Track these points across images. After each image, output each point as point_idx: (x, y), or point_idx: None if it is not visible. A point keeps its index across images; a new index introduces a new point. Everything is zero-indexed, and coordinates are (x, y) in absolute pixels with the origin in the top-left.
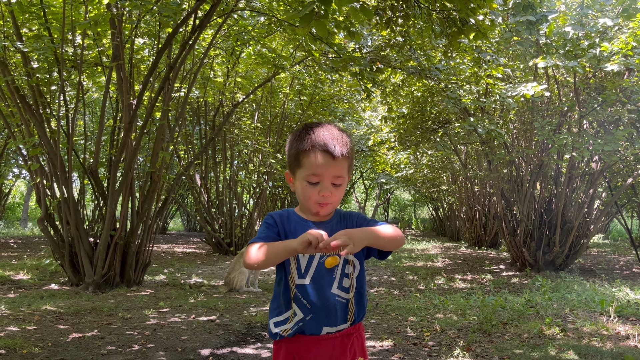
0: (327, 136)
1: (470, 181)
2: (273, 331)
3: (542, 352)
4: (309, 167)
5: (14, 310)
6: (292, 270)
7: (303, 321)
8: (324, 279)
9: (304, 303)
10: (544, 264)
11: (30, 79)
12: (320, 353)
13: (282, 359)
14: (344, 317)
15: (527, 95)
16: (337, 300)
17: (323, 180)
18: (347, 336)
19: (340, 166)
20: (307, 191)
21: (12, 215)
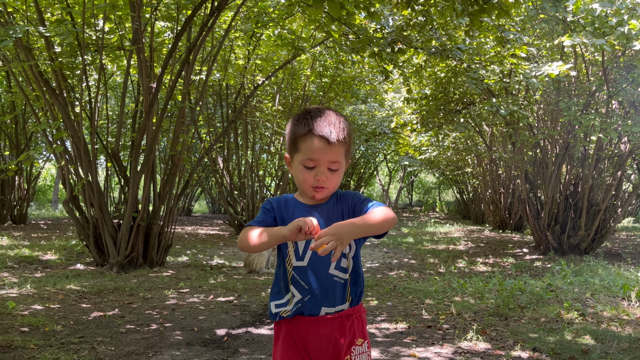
0: (324, 121)
1: (495, 164)
2: (273, 312)
3: (558, 336)
4: (306, 152)
5: (39, 289)
6: (290, 253)
7: (301, 302)
8: (321, 260)
9: (302, 284)
10: (569, 247)
11: (53, 63)
12: (319, 334)
13: (282, 339)
14: (342, 298)
15: (552, 75)
16: (335, 280)
17: (319, 165)
18: (346, 317)
19: (336, 151)
20: (303, 175)
21: (43, 197)
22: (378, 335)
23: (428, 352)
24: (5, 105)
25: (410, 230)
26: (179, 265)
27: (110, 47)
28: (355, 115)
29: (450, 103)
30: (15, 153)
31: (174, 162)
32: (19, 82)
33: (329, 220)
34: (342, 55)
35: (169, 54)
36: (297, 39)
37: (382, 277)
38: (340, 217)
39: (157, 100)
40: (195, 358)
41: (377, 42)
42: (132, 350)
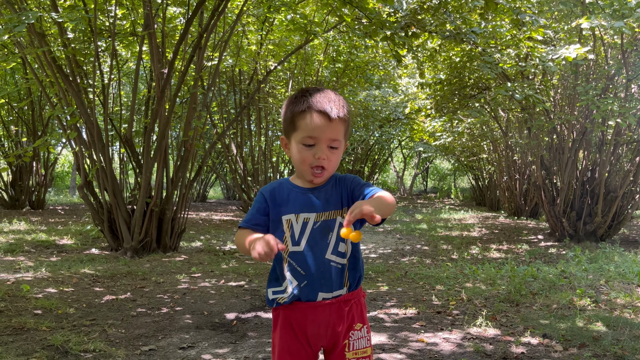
0: (323, 98)
1: (510, 149)
2: (270, 298)
3: (570, 322)
4: (305, 129)
5: (54, 273)
6: (287, 238)
7: (298, 288)
8: (318, 244)
9: (298, 270)
10: (585, 234)
11: (66, 49)
12: (317, 319)
13: (280, 326)
14: (339, 283)
15: (569, 58)
16: (332, 265)
17: (319, 142)
18: (344, 302)
19: (336, 129)
20: (302, 154)
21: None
22: (387, 321)
23: (436, 338)
24: (22, 91)
25: (424, 216)
26: (192, 250)
27: (122, 33)
28: (369, 100)
29: (465, 88)
30: (32, 139)
31: (186, 148)
32: (33, 68)
33: (327, 203)
34: (355, 40)
35: (180, 38)
36: (310, 23)
37: (394, 263)
38: (338, 201)
39: (169, 86)
40: (204, 341)
41: (390, 26)
42: (142, 333)
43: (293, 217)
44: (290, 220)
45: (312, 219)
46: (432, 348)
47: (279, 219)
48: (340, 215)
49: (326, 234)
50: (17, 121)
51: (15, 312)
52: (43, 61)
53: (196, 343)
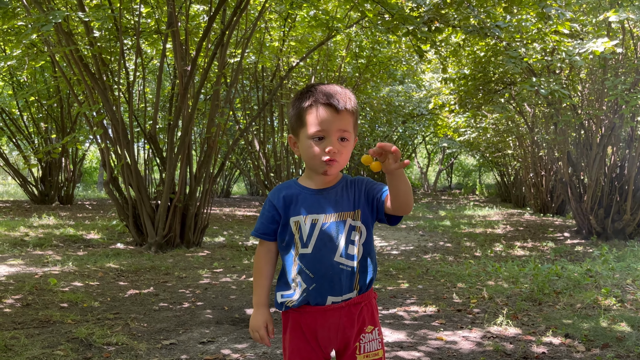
0: (329, 91)
1: (537, 145)
2: (279, 302)
3: (593, 322)
4: (313, 123)
5: (80, 267)
6: (296, 240)
7: (307, 291)
8: (326, 247)
9: (306, 273)
10: (613, 232)
11: (92, 48)
12: (327, 323)
13: (290, 329)
14: (349, 286)
15: (596, 52)
16: (341, 268)
17: (329, 135)
18: (354, 305)
19: (345, 120)
20: (312, 149)
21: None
22: (406, 318)
23: (456, 336)
24: (51, 89)
25: (448, 213)
26: (215, 246)
27: (147, 31)
28: (392, 96)
29: (489, 83)
30: (61, 136)
31: (209, 145)
32: (61, 67)
33: (336, 204)
34: (378, 36)
35: (203, 35)
36: (332, 19)
37: (415, 260)
38: (350, 203)
39: (192, 83)
40: (223, 336)
41: (412, 21)
42: (163, 327)
43: (302, 219)
44: (299, 221)
45: (320, 220)
46: (451, 346)
47: (287, 221)
48: (350, 218)
49: (335, 236)
50: (47, 118)
51: (42, 305)
52: (70, 60)
53: (216, 338)
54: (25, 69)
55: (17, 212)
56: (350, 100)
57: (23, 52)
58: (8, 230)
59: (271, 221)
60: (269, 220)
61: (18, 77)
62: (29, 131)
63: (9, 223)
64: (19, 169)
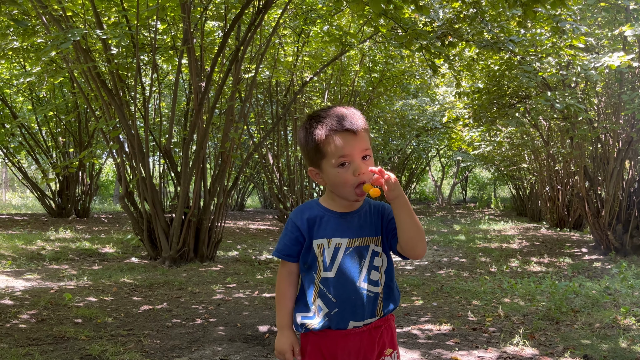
0: (338, 116)
1: (552, 159)
2: (299, 323)
3: (612, 343)
4: (335, 152)
5: (95, 281)
6: (319, 263)
7: (328, 315)
8: (349, 271)
9: (329, 297)
10: (632, 248)
11: (109, 64)
12: (347, 347)
13: (309, 352)
14: (371, 311)
15: (612, 66)
16: (365, 294)
17: (353, 159)
18: (375, 329)
19: (363, 139)
20: (341, 177)
21: (106, 192)
22: (420, 337)
23: (471, 356)
24: (70, 104)
25: (463, 227)
26: (229, 260)
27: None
28: (405, 110)
29: (504, 97)
30: (78, 150)
31: (223, 159)
32: (79, 83)
33: (360, 228)
34: (391, 50)
35: (218, 51)
36: (345, 35)
37: (430, 275)
38: (373, 228)
39: (207, 98)
40: (236, 354)
41: (425, 36)
42: (176, 344)
43: (325, 242)
44: (322, 245)
45: (344, 244)
46: None
47: (310, 243)
48: (373, 243)
49: (359, 261)
50: (65, 133)
51: (56, 320)
52: (88, 76)
53: (228, 356)
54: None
55: (34, 226)
56: (360, 118)
57: (42, 68)
58: (25, 243)
59: (294, 243)
60: (292, 242)
61: (37, 92)
62: (47, 145)
63: (27, 237)
64: (37, 183)
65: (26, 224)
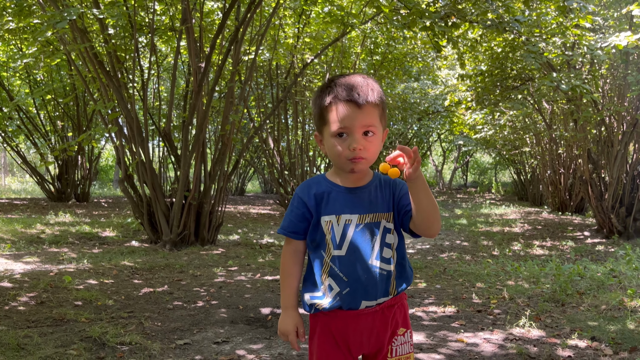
0: (349, 85)
1: (555, 142)
2: (308, 304)
3: (620, 325)
4: (335, 121)
5: (95, 264)
6: (328, 241)
7: (340, 295)
8: (361, 249)
9: (340, 276)
10: (635, 231)
11: (107, 45)
12: (359, 327)
13: (318, 333)
14: (385, 290)
15: (619, 46)
16: (378, 272)
17: (352, 132)
18: (388, 308)
19: (368, 114)
20: (336, 147)
21: (105, 176)
22: (425, 319)
23: (477, 338)
24: (67, 87)
25: (464, 211)
26: (230, 244)
27: (162, 29)
28: (407, 93)
29: (507, 79)
30: (77, 134)
31: (223, 142)
32: (76, 65)
33: (371, 204)
34: (393, 32)
35: (217, 32)
36: (347, 15)
37: (432, 259)
38: (384, 204)
39: (206, 80)
40: (238, 336)
41: (429, 15)
42: (177, 326)
43: (334, 219)
44: (331, 221)
45: (354, 221)
46: (473, 349)
47: (318, 220)
48: (385, 220)
49: (370, 238)
50: (63, 116)
51: (56, 303)
52: (85, 57)
53: (231, 338)
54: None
55: (34, 210)
56: (373, 92)
57: (39, 50)
58: (25, 227)
59: (301, 219)
60: (299, 218)
61: (34, 75)
62: (46, 129)
63: (26, 220)
64: (36, 167)
65: (26, 208)
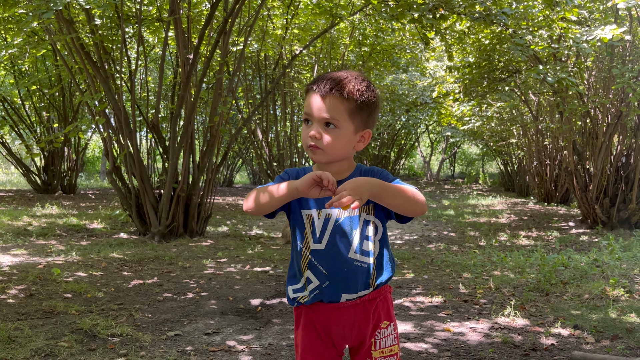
0: (325, 76)
1: (541, 134)
2: (291, 297)
3: (602, 313)
4: (305, 106)
5: (84, 257)
6: (307, 234)
7: (319, 288)
8: (340, 242)
9: (319, 269)
10: (618, 221)
11: (93, 35)
12: (341, 320)
13: (302, 325)
14: (365, 283)
15: (604, 39)
16: (357, 265)
17: (313, 120)
18: (369, 301)
19: (331, 107)
20: (303, 132)
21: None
22: (412, 309)
23: (463, 327)
24: (53, 78)
25: (452, 202)
26: (219, 235)
27: (149, 19)
28: (395, 84)
29: (494, 71)
30: (63, 125)
31: (212, 134)
32: (62, 55)
33: None
34: (382, 23)
35: (206, 23)
36: (336, 6)
37: (420, 249)
38: None
39: (194, 71)
40: (229, 327)
41: (417, 8)
42: (167, 318)
43: (315, 213)
44: (312, 215)
45: (334, 214)
46: (459, 338)
47: (299, 211)
48: (364, 212)
49: (349, 231)
50: (49, 107)
51: (46, 295)
52: (72, 48)
53: (221, 329)
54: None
55: (20, 202)
56: (345, 87)
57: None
58: (11, 219)
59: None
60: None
61: (19, 65)
62: (31, 120)
63: (12, 212)
64: (22, 159)
65: (11, 200)
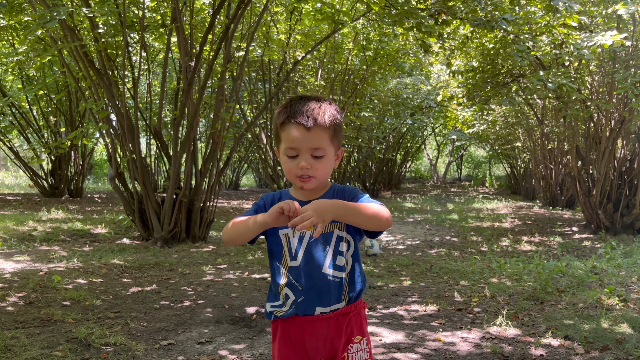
0: (302, 108)
1: (546, 137)
2: (268, 311)
3: (594, 323)
4: (286, 141)
5: (85, 263)
6: (285, 253)
7: (295, 303)
8: (314, 259)
9: (295, 285)
10: (622, 226)
11: (97, 43)
12: (315, 333)
13: (279, 338)
14: (337, 297)
15: (605, 45)
16: (330, 280)
17: (301, 153)
18: (342, 315)
19: (317, 137)
20: (287, 165)
21: (100, 171)
22: (406, 318)
23: (455, 337)
24: (60, 83)
25: (456, 206)
26: (220, 240)
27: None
28: (400, 88)
29: (498, 75)
30: (70, 129)
31: (214, 140)
32: (66, 63)
33: None
34: (385, 28)
35: (208, 29)
36: (338, 12)
37: (421, 255)
38: None
39: (197, 78)
40: (222, 336)
41: (415, 14)
42: (162, 326)
43: (290, 232)
44: (288, 234)
45: (308, 232)
46: (449, 348)
47: (276, 232)
48: (337, 229)
49: (323, 248)
50: (56, 112)
51: (44, 303)
52: (76, 55)
53: (214, 338)
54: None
55: (26, 206)
56: (324, 115)
57: (30, 47)
58: (17, 224)
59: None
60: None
61: (27, 71)
62: (39, 125)
63: (18, 217)
64: (29, 163)
65: (18, 204)
